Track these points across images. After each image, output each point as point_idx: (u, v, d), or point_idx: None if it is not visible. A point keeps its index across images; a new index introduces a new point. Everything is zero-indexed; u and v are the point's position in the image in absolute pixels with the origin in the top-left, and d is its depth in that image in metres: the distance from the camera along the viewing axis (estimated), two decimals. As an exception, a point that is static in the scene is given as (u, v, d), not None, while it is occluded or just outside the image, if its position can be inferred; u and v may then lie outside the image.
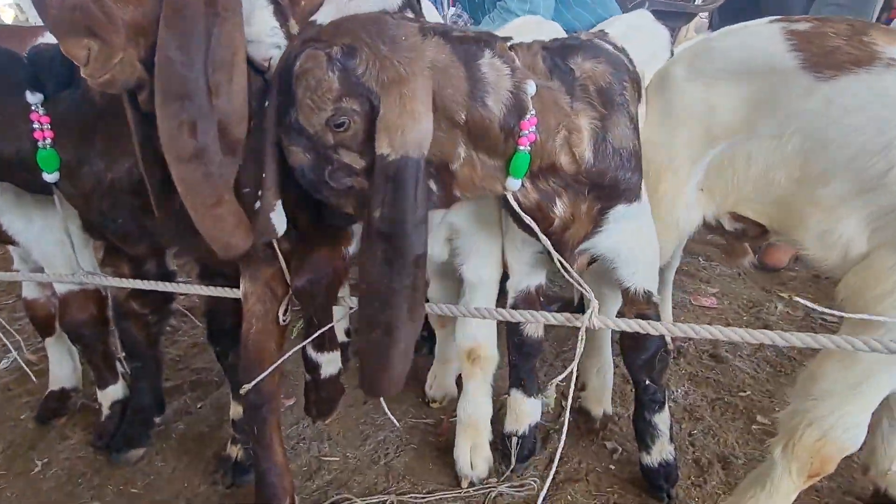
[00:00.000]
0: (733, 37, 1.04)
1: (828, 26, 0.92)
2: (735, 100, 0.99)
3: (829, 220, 0.89)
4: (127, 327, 1.30)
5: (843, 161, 0.86)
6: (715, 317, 1.96)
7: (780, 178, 0.94)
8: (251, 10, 0.80)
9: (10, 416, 1.51)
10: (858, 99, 0.84)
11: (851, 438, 0.88)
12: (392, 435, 1.40)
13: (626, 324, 0.88)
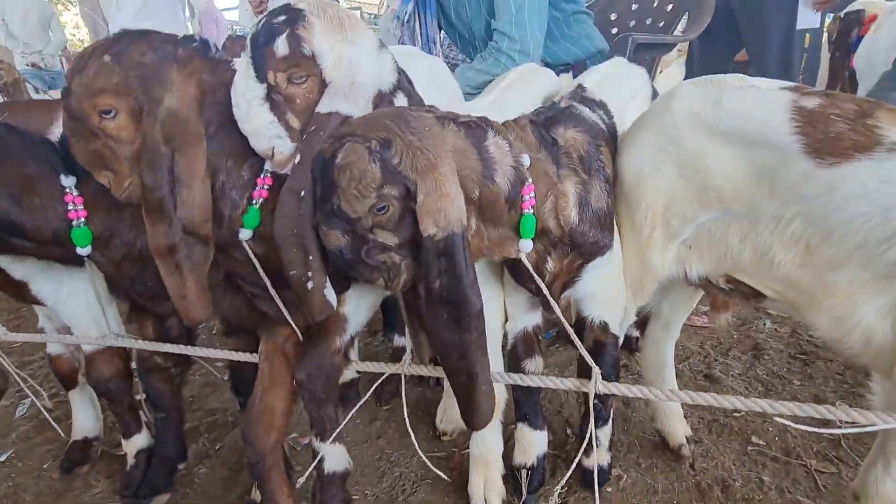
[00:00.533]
0: (744, 97, 0.99)
1: (835, 107, 0.91)
2: (734, 168, 0.97)
3: (844, 305, 0.89)
4: (151, 381, 1.36)
5: (851, 247, 0.86)
6: (707, 336, 2.04)
7: (783, 262, 0.95)
8: (248, 109, 0.89)
9: (33, 466, 1.55)
10: (861, 186, 0.84)
11: None
12: (407, 471, 1.46)
13: (630, 389, 0.96)
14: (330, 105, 0.91)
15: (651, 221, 1.10)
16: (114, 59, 0.88)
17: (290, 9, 0.89)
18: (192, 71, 0.93)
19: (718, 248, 1.04)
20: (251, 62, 0.88)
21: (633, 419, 1.61)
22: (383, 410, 1.71)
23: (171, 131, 0.91)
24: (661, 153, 1.07)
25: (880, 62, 3.03)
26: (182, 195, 0.92)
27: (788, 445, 1.46)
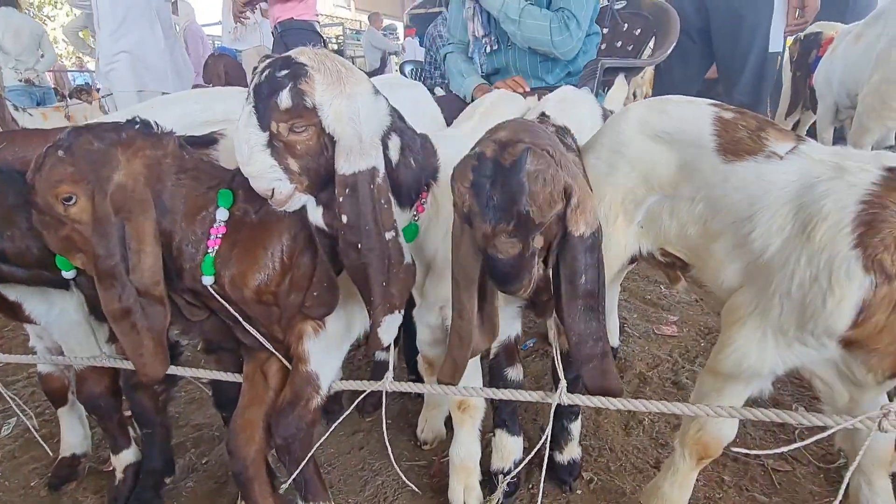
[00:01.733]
0: (683, 108, 1.25)
1: (742, 120, 1.15)
2: (670, 161, 1.21)
3: (718, 266, 1.14)
4: (137, 398, 1.41)
5: (727, 223, 1.11)
6: (675, 345, 2.14)
7: (691, 233, 1.19)
8: (250, 154, 0.95)
9: (20, 485, 1.58)
10: (742, 180, 1.09)
11: (724, 430, 1.15)
12: (389, 479, 1.52)
13: (591, 401, 1.04)
14: (350, 166, 0.97)
15: (614, 211, 1.30)
16: (66, 153, 0.97)
17: (292, 62, 0.94)
18: (136, 149, 1.02)
19: (656, 225, 1.26)
20: (254, 111, 0.94)
21: (603, 425, 1.69)
22: (366, 422, 1.77)
23: (119, 203, 0.99)
24: (617, 155, 1.28)
25: (836, 81, 3.20)
26: (133, 261, 1.01)
27: (747, 445, 1.55)
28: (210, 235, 1.07)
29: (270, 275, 1.11)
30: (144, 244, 1.01)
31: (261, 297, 1.11)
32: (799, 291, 0.96)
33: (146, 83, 3.05)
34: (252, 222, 1.10)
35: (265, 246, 1.10)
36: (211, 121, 1.42)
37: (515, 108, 1.67)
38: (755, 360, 1.03)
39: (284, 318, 1.15)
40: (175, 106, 1.48)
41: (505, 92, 1.72)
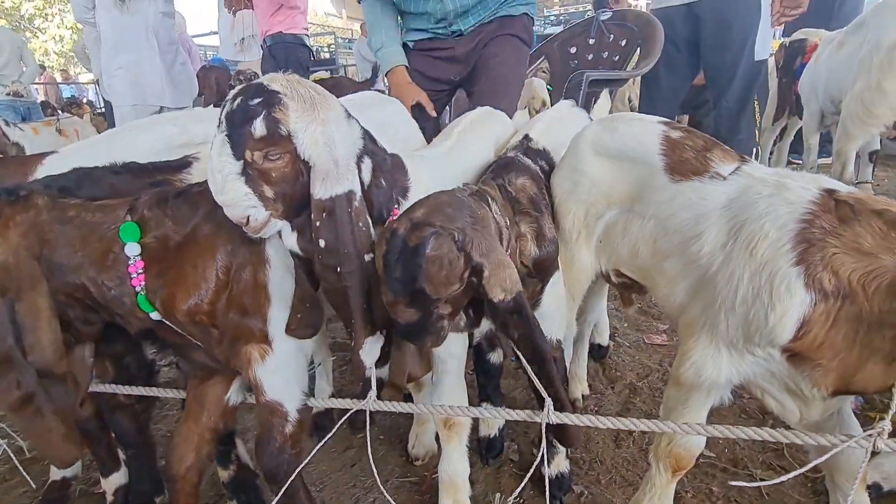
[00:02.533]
0: (633, 126, 1.31)
1: (689, 140, 1.21)
2: (625, 177, 1.27)
3: (669, 284, 1.18)
4: (118, 418, 1.41)
5: (676, 243, 1.14)
6: (665, 354, 2.16)
7: (642, 252, 1.23)
8: (224, 183, 0.94)
9: (10, 509, 1.57)
10: (689, 199, 1.13)
11: (690, 442, 1.17)
12: (381, 497, 1.52)
13: (579, 419, 1.05)
14: (327, 191, 0.97)
15: (577, 227, 1.36)
16: None
17: (265, 90, 0.94)
18: (6, 220, 0.97)
19: (611, 243, 1.30)
20: (227, 140, 0.93)
21: (594, 437, 1.69)
22: (357, 438, 1.77)
23: (4, 283, 0.94)
24: (577, 173, 1.35)
25: (820, 88, 3.24)
26: (30, 340, 0.95)
27: (736, 456, 1.57)
28: (130, 275, 1.03)
29: (203, 293, 1.07)
30: (40, 320, 0.96)
31: (193, 318, 1.08)
32: (742, 306, 0.99)
33: (143, 98, 3.10)
34: (177, 243, 1.07)
35: (194, 264, 1.07)
36: (189, 143, 1.42)
37: (496, 125, 1.69)
38: (712, 371, 1.06)
39: (225, 340, 1.12)
40: (152, 129, 1.48)
41: (488, 110, 1.73)
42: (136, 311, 1.06)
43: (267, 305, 1.11)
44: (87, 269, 1.02)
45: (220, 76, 5.34)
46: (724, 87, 2.66)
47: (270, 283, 1.11)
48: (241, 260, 1.09)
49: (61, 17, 19.74)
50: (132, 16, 3.03)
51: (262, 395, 1.14)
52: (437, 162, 1.39)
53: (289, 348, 1.15)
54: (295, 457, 1.18)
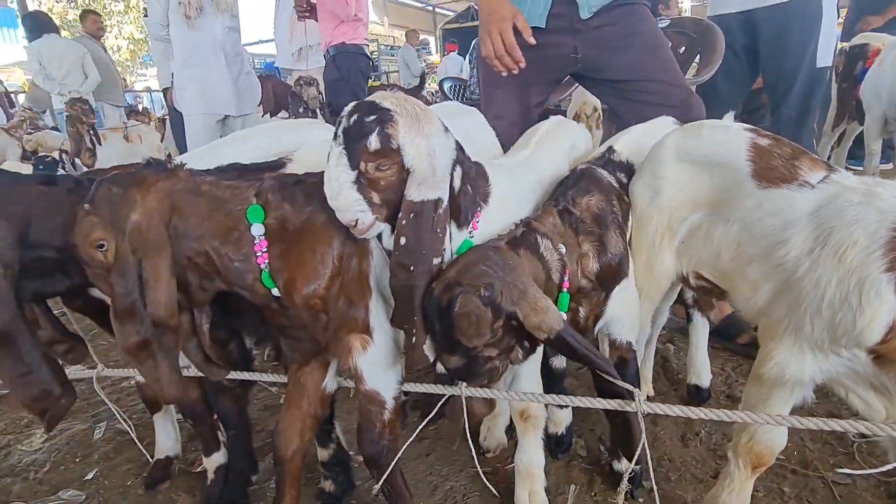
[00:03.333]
0: (718, 132, 1.35)
1: (777, 148, 1.24)
2: (709, 182, 1.31)
3: (752, 287, 1.21)
4: (221, 400, 1.55)
5: (761, 248, 1.18)
6: (727, 359, 2.17)
7: (724, 256, 1.27)
8: (339, 190, 1.05)
9: (118, 484, 1.72)
10: (776, 206, 1.17)
11: (774, 438, 1.20)
12: (458, 484, 1.61)
13: (671, 409, 1.11)
14: (420, 195, 1.08)
15: (660, 232, 1.40)
16: (90, 205, 1.07)
17: (378, 108, 1.05)
18: (148, 186, 1.09)
19: (693, 246, 1.34)
20: (345, 152, 1.04)
21: (660, 436, 1.74)
22: (430, 430, 1.86)
23: (136, 242, 1.05)
24: (659, 180, 1.40)
25: (884, 92, 3.19)
26: (149, 296, 1.07)
27: (806, 458, 1.59)
28: (255, 254, 1.14)
29: (320, 278, 1.15)
30: (161, 280, 1.07)
31: (308, 302, 1.15)
32: (829, 310, 1.03)
33: (211, 107, 3.31)
34: (295, 228, 1.15)
35: (313, 249, 1.15)
36: (282, 152, 1.54)
37: (570, 134, 1.77)
38: (795, 370, 1.10)
39: (331, 327, 1.19)
40: (252, 140, 1.61)
41: (560, 119, 1.80)
42: (258, 287, 1.16)
43: (368, 296, 1.20)
44: (212, 239, 1.13)
45: (276, 85, 5.58)
46: (784, 95, 2.65)
47: (371, 274, 1.21)
48: (350, 250, 1.18)
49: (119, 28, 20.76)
50: (201, 32, 3.23)
51: (362, 383, 1.23)
52: (515, 171, 1.48)
53: (387, 340, 1.23)
54: (393, 443, 1.27)
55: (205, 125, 3.37)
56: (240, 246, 1.13)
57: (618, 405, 1.17)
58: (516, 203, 1.39)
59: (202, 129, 3.35)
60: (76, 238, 1.06)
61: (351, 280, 1.18)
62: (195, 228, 1.11)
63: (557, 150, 1.64)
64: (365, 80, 3.61)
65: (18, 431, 2.02)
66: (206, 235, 1.12)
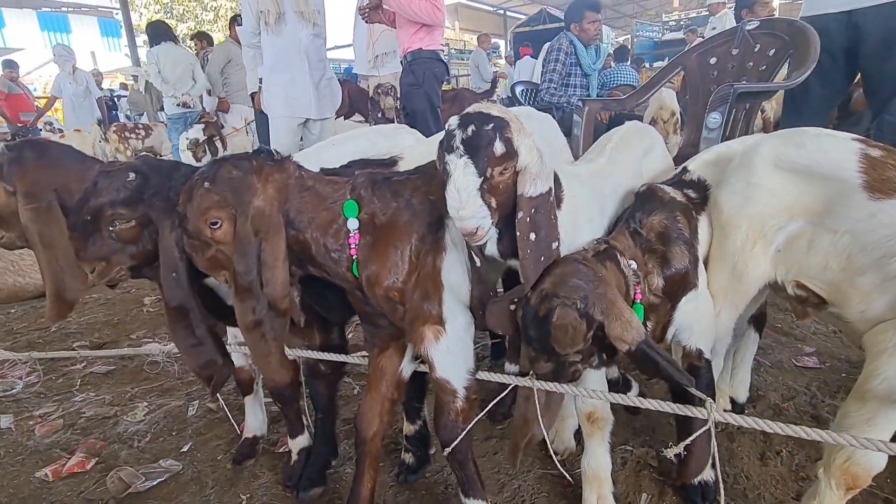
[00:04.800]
0: (824, 142, 1.31)
1: (891, 158, 1.21)
2: (812, 191, 1.28)
3: (864, 298, 1.18)
4: (315, 385, 1.65)
5: (875, 258, 1.15)
6: (813, 377, 2.07)
7: (833, 267, 1.23)
8: (466, 199, 1.07)
9: (209, 457, 1.87)
10: (891, 217, 1.14)
11: (873, 459, 1.16)
12: (525, 484, 1.63)
13: (745, 420, 1.10)
14: (537, 188, 1.13)
15: (752, 238, 1.37)
16: (211, 183, 1.14)
17: (491, 116, 1.09)
18: (267, 175, 1.17)
19: (793, 255, 1.31)
20: (470, 161, 1.07)
21: (738, 453, 1.69)
22: (496, 429, 1.90)
23: (258, 225, 1.12)
24: (752, 187, 1.36)
25: None
26: (266, 276, 1.13)
27: (891, 484, 1.49)
28: (350, 245, 1.22)
29: (400, 272, 1.22)
30: (278, 261, 1.14)
31: (388, 293, 1.22)
32: None
33: (294, 111, 3.50)
34: (381, 224, 1.22)
35: (395, 245, 1.21)
36: (377, 155, 1.63)
37: (647, 139, 1.76)
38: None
39: (408, 318, 1.25)
40: (350, 143, 1.72)
41: (636, 124, 1.80)
42: (349, 275, 1.25)
43: (442, 290, 1.25)
44: (315, 230, 1.21)
45: (352, 89, 5.79)
46: (887, 100, 2.48)
47: (444, 269, 1.25)
48: (427, 247, 1.24)
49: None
50: (287, 39, 3.42)
51: (434, 371, 1.30)
52: (590, 179, 1.50)
53: (458, 332, 1.28)
54: (465, 431, 1.32)
55: (287, 127, 3.57)
56: (338, 237, 1.22)
57: (689, 411, 1.16)
58: (586, 210, 1.41)
59: (285, 130, 3.54)
60: (191, 210, 1.13)
61: (426, 275, 1.24)
62: (301, 219, 1.21)
63: (630, 158, 1.65)
64: (439, 86, 3.68)
65: (123, 404, 2.24)
66: (310, 226, 1.21)
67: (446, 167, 1.08)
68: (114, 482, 1.74)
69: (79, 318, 3.16)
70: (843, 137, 1.30)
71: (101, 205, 1.23)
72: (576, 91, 4.26)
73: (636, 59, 11.08)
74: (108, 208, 1.23)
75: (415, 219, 1.23)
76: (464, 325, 1.28)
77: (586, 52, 4.24)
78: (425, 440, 1.69)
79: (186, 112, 6.03)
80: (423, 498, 1.63)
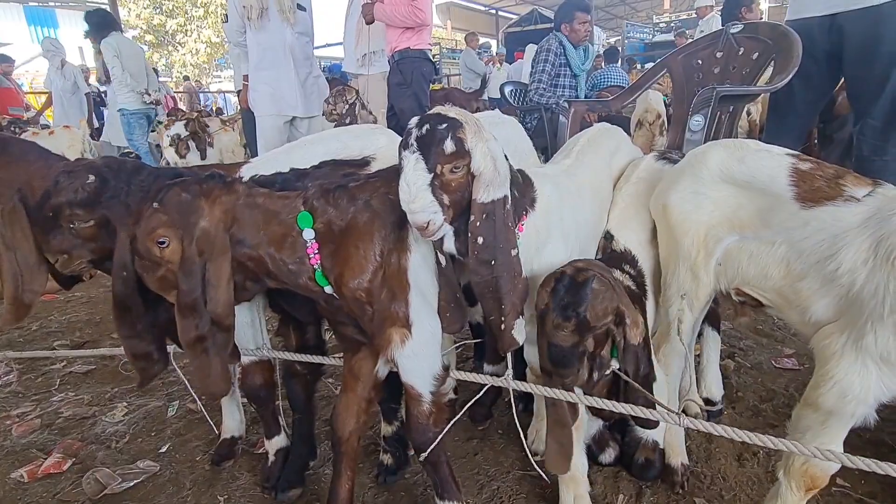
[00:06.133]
0: (762, 158, 1.36)
1: (819, 170, 1.28)
2: (750, 205, 1.34)
3: (805, 303, 1.22)
4: (293, 385, 1.65)
5: (812, 263, 1.20)
6: (792, 378, 2.09)
7: (773, 275, 1.28)
8: (416, 193, 1.10)
9: (188, 458, 1.86)
10: (823, 222, 1.19)
11: (825, 463, 1.16)
12: (504, 485, 1.63)
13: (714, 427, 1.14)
14: (489, 195, 1.15)
15: (697, 245, 1.41)
16: (160, 204, 1.16)
17: (446, 117, 1.13)
18: (215, 198, 1.19)
19: (734, 266, 1.35)
20: (421, 157, 1.10)
21: (715, 454, 1.70)
22: (478, 430, 1.90)
23: (203, 246, 1.15)
24: (700, 196, 1.41)
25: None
26: (211, 294, 1.16)
27: (874, 489, 1.51)
28: (309, 255, 1.23)
29: (365, 271, 1.22)
30: (222, 280, 1.17)
31: (355, 294, 1.23)
32: (892, 316, 1.01)
33: (280, 108, 3.49)
34: (341, 229, 1.23)
35: (357, 245, 1.22)
36: (350, 156, 1.63)
37: (613, 141, 1.79)
38: (859, 391, 1.08)
39: (375, 319, 1.26)
40: (320, 144, 1.70)
41: (604, 126, 1.83)
42: (310, 285, 1.26)
43: (408, 290, 1.25)
44: (268, 246, 1.23)
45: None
46: (870, 104, 2.50)
47: (410, 269, 1.26)
48: (391, 246, 1.25)
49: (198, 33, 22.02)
50: (271, 36, 3.40)
51: (400, 375, 1.31)
52: (558, 178, 1.53)
53: (425, 335, 1.28)
54: (437, 434, 1.33)
55: (274, 125, 3.55)
56: (294, 250, 1.23)
57: (660, 416, 1.17)
58: (557, 209, 1.43)
59: (271, 128, 3.53)
60: (141, 230, 1.16)
61: (392, 275, 1.24)
62: (252, 237, 1.22)
63: (598, 158, 1.68)
64: (427, 85, 3.69)
65: (103, 404, 2.21)
66: (263, 243, 1.23)
67: (401, 163, 1.12)
68: (89, 483, 1.72)
69: (60, 316, 3.13)
70: (778, 153, 1.37)
71: (61, 204, 1.24)
72: (564, 92, 4.27)
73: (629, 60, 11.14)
74: (66, 208, 1.25)
75: (375, 219, 1.24)
76: (430, 328, 1.29)
77: (575, 52, 4.26)
78: (404, 441, 1.69)
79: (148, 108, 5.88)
80: (403, 499, 1.63)
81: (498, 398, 1.98)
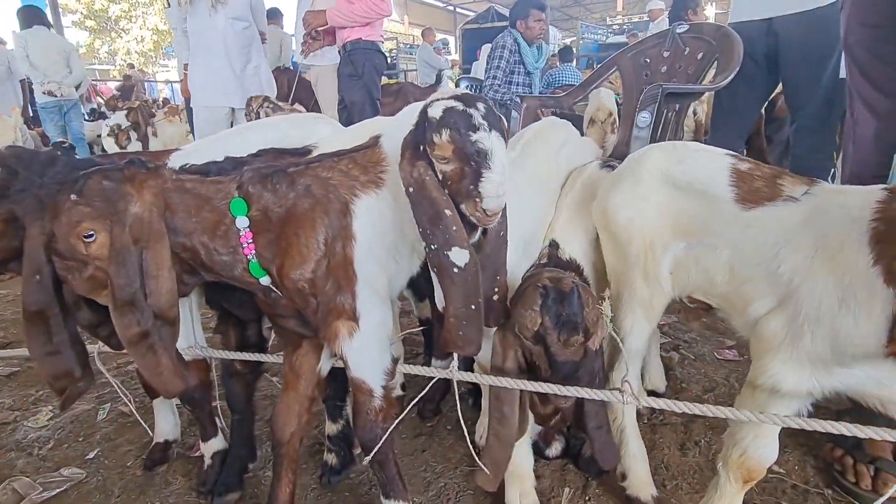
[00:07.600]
0: (700, 158, 1.34)
1: (758, 171, 1.26)
2: (691, 209, 1.30)
3: (748, 306, 1.20)
4: (231, 384, 1.57)
5: (755, 265, 1.18)
6: (733, 369, 2.15)
7: (718, 279, 1.26)
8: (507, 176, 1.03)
9: (118, 464, 1.75)
10: (764, 223, 1.18)
11: (765, 453, 1.20)
12: (451, 482, 1.61)
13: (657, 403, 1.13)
14: None
15: (643, 251, 1.37)
16: (78, 195, 1.05)
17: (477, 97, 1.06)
18: (141, 182, 1.10)
19: (682, 275, 1.34)
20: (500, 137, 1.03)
21: (658, 444, 1.72)
22: (426, 426, 1.87)
23: (137, 234, 1.06)
24: (643, 200, 1.36)
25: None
26: (151, 286, 1.07)
27: (807, 474, 1.56)
28: (242, 245, 1.15)
29: (308, 261, 1.15)
30: (162, 269, 1.08)
31: (297, 285, 1.16)
32: (828, 316, 1.02)
33: (214, 99, 3.37)
34: (279, 217, 1.16)
35: (297, 233, 1.15)
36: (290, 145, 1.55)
37: (562, 134, 1.78)
38: (792, 386, 1.09)
39: (321, 311, 1.19)
40: (256, 133, 1.62)
41: (553, 119, 1.82)
42: (245, 276, 1.18)
43: (354, 281, 1.19)
44: (201, 235, 1.14)
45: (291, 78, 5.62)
46: (803, 105, 2.61)
47: (356, 259, 1.19)
48: (335, 234, 1.18)
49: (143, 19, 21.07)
50: (205, 22, 3.27)
51: (348, 370, 1.24)
52: None
53: (373, 328, 1.22)
54: (386, 430, 1.28)
55: (209, 117, 3.40)
56: (227, 239, 1.15)
57: (605, 396, 1.19)
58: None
59: (206, 120, 3.38)
60: (60, 227, 1.05)
61: (337, 265, 1.18)
62: (184, 224, 1.13)
63: (545, 150, 1.66)
64: (379, 77, 3.61)
65: (25, 408, 2.06)
66: (195, 231, 1.14)
67: (475, 145, 1.01)
68: (6, 494, 1.60)
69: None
70: (717, 153, 1.34)
71: None
72: (518, 88, 4.29)
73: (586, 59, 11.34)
74: None
75: (316, 205, 1.17)
76: (379, 320, 1.22)
77: (530, 50, 4.28)
78: (349, 440, 1.64)
79: (60, 101, 5.64)
80: (347, 499, 1.58)
81: (447, 394, 1.95)
